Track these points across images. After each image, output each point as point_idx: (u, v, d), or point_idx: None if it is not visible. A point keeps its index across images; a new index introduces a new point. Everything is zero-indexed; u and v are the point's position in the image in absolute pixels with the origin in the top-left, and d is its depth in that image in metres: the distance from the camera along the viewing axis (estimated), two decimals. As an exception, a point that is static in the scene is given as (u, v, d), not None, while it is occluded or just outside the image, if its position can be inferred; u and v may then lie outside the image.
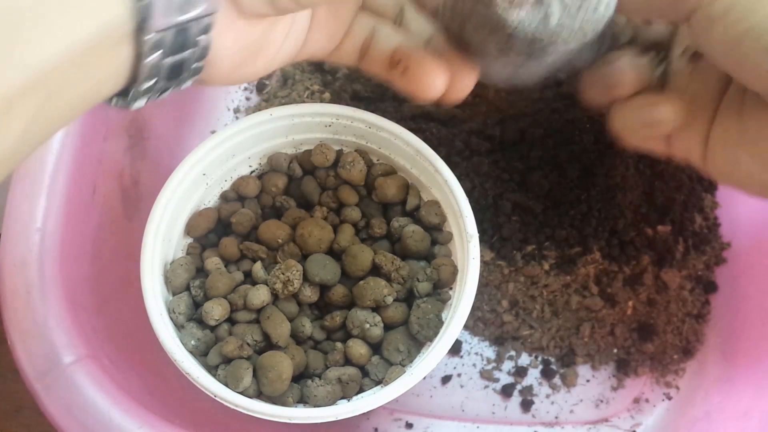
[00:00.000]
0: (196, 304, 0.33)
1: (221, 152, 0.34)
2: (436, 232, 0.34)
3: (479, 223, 0.33)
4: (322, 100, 0.43)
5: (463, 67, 0.28)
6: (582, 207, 0.40)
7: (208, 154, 0.34)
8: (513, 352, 0.41)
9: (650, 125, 0.28)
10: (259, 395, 0.32)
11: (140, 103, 0.23)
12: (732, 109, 0.27)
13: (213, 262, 0.34)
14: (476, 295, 0.32)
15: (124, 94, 0.23)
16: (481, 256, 0.38)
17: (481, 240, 0.39)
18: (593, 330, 0.40)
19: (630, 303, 0.40)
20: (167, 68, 0.22)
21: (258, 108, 0.45)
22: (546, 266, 0.40)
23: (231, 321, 0.33)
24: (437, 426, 0.39)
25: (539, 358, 0.41)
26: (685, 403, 0.40)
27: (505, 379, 0.40)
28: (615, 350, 0.41)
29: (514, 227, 0.40)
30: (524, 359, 0.41)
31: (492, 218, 0.41)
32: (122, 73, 0.21)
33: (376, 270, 0.33)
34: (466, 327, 0.41)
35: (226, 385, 0.31)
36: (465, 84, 0.29)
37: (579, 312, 0.40)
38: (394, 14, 0.30)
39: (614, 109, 0.29)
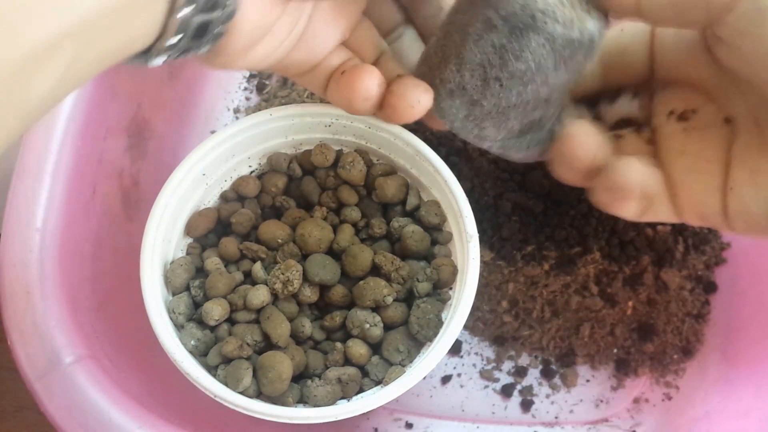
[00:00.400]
0: (196, 304, 0.33)
1: (221, 152, 0.34)
2: (436, 232, 0.34)
3: (479, 223, 0.33)
4: (321, 100, 0.43)
5: (418, 84, 0.29)
6: (582, 207, 0.40)
7: (208, 154, 0.34)
8: (513, 352, 0.41)
9: (618, 190, 0.27)
10: (259, 395, 0.32)
11: (159, 60, 0.23)
12: (752, 145, 0.26)
13: (213, 262, 0.34)
14: (476, 295, 0.32)
15: (144, 52, 0.23)
16: (481, 256, 0.38)
17: (481, 240, 0.39)
18: (593, 330, 0.40)
19: (630, 303, 0.40)
20: (195, 27, 0.23)
21: (258, 108, 0.45)
22: (546, 266, 0.40)
23: (231, 321, 0.33)
24: (437, 426, 0.39)
25: (539, 358, 0.41)
26: (685, 403, 0.40)
27: (505, 379, 0.40)
28: (615, 350, 0.41)
29: (514, 227, 0.40)
30: (524, 359, 0.41)
31: (492, 218, 0.41)
32: (154, 27, 0.22)
33: (375, 270, 0.33)
34: (465, 327, 0.41)
35: (226, 385, 0.31)
36: (419, 97, 0.29)
37: (579, 312, 0.40)
38: (372, 59, 0.31)
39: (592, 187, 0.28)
